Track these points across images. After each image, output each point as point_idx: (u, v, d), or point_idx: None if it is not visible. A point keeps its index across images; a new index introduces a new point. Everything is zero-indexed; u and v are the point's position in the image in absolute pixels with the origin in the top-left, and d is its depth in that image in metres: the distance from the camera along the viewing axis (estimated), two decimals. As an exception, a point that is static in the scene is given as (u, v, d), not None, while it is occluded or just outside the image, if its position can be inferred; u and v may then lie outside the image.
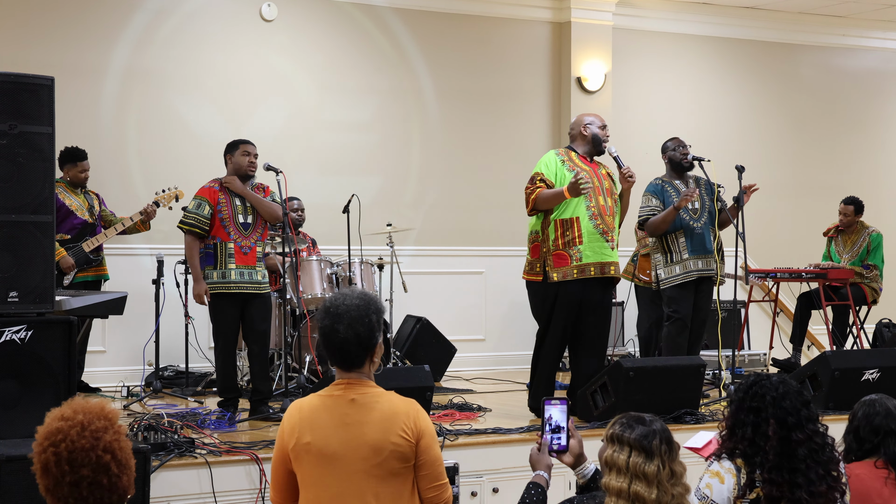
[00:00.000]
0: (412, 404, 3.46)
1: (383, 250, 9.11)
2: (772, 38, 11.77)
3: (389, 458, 3.35)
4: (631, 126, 10.90)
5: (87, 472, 2.59)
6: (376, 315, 3.43)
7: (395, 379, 6.06)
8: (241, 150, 6.91)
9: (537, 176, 6.63)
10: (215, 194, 6.83)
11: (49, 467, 2.60)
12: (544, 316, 6.71)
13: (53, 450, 2.59)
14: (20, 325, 5.04)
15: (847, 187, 11.04)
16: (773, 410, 3.38)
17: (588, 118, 6.90)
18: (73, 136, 8.15)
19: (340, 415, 3.38)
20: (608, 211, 6.67)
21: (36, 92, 5.22)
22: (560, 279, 6.58)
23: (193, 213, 6.81)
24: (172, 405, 7.40)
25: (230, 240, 6.79)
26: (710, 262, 7.61)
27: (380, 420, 3.37)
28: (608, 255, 6.66)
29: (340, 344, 3.39)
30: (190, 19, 9.34)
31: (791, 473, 3.31)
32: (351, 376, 3.44)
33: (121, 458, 2.64)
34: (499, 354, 10.13)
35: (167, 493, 5.12)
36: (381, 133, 10.08)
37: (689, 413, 6.54)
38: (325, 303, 3.47)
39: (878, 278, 9.47)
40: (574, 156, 6.77)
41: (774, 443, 3.35)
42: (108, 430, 2.64)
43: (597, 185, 6.64)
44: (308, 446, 3.36)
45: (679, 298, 7.59)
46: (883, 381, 7.01)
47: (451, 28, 10.34)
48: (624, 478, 3.15)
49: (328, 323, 3.41)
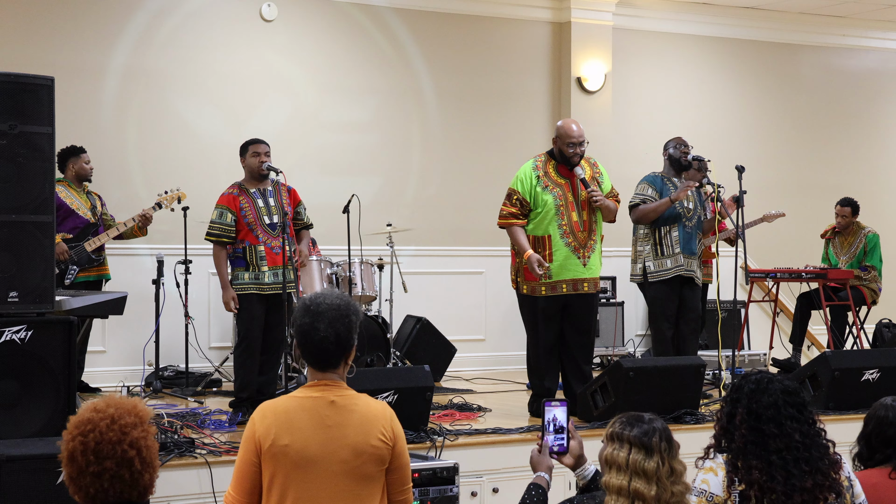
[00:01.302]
0: (387, 408, 3.47)
1: (383, 250, 9.11)
2: (772, 39, 11.77)
3: (367, 461, 3.34)
4: (631, 126, 10.91)
5: (110, 465, 2.64)
6: (355, 316, 3.41)
7: (394, 379, 6.05)
8: (250, 150, 6.91)
9: (514, 196, 6.74)
10: (235, 200, 6.82)
11: (75, 456, 2.65)
12: (525, 321, 6.87)
13: (82, 439, 2.65)
14: (20, 326, 5.05)
15: (847, 187, 11.04)
16: (747, 402, 3.42)
17: (564, 131, 6.71)
18: (74, 136, 8.15)
19: (320, 417, 3.34)
20: (581, 226, 6.70)
21: (36, 92, 5.22)
22: (529, 293, 6.72)
23: (218, 224, 6.81)
24: (172, 405, 7.40)
25: (259, 242, 6.79)
26: (692, 264, 7.68)
27: (360, 423, 3.36)
28: (581, 272, 6.71)
29: (319, 342, 3.35)
30: (190, 19, 9.34)
31: (767, 464, 3.33)
32: (327, 377, 3.41)
33: (145, 456, 2.69)
34: (499, 354, 10.13)
35: (167, 493, 5.12)
36: (381, 133, 10.08)
37: (689, 413, 6.54)
38: (304, 301, 3.43)
39: (876, 279, 9.47)
40: (552, 168, 6.76)
41: (743, 431, 3.38)
42: (138, 426, 2.70)
43: (571, 199, 6.69)
44: (286, 448, 3.29)
45: (664, 298, 7.63)
46: (883, 382, 7.01)
47: (451, 28, 10.34)
48: (624, 475, 3.15)
49: (308, 321, 3.37)
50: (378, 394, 5.57)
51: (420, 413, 5.96)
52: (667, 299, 7.61)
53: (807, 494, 3.33)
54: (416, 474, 3.58)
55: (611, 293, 10.29)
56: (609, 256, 10.48)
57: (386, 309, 8.94)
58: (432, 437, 5.84)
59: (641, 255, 7.72)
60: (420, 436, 5.82)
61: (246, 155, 6.91)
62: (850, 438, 4.20)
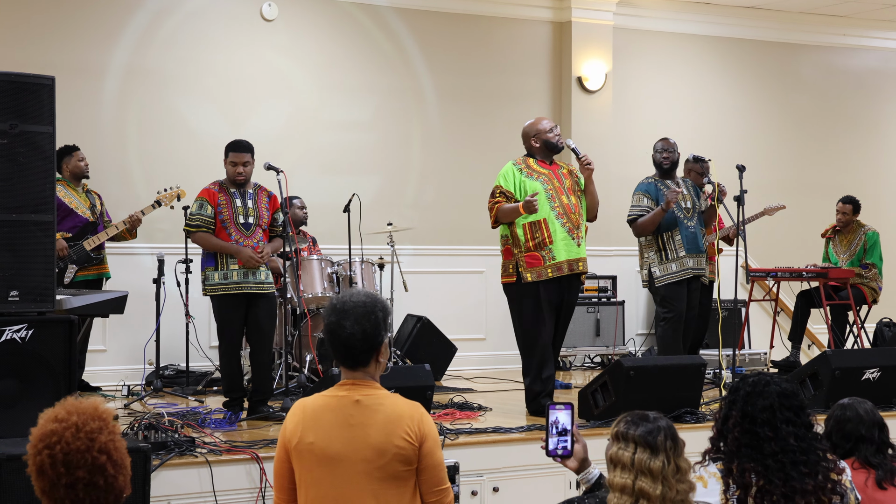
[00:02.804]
0: (417, 407, 3.45)
1: (384, 249, 9.11)
2: (772, 38, 11.77)
3: (392, 460, 3.33)
4: (631, 125, 10.91)
5: (82, 474, 2.56)
6: (382, 313, 3.42)
7: (395, 378, 6.05)
8: (230, 158, 6.85)
9: (497, 189, 6.80)
10: (215, 196, 6.82)
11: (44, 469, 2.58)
12: (525, 317, 6.76)
13: (48, 452, 2.57)
14: (21, 325, 5.04)
15: (847, 187, 11.03)
16: (742, 405, 3.42)
17: (534, 127, 6.90)
18: (74, 135, 8.15)
19: (345, 415, 3.36)
20: (573, 209, 6.78)
21: (36, 91, 5.22)
22: (535, 279, 6.67)
23: (198, 214, 6.81)
24: (173, 404, 7.40)
25: (231, 241, 6.78)
26: (701, 262, 7.78)
27: (384, 422, 3.35)
28: (576, 252, 6.78)
29: (346, 340, 3.36)
30: (190, 19, 9.34)
31: (763, 466, 3.33)
32: (356, 376, 3.43)
33: (116, 459, 2.62)
34: (499, 353, 10.12)
35: (167, 493, 5.12)
36: (381, 132, 10.09)
37: (689, 412, 6.54)
38: (332, 301, 3.46)
39: (877, 277, 9.47)
40: (532, 162, 6.86)
41: (735, 433, 3.39)
42: (103, 430, 2.62)
43: (557, 185, 6.77)
44: (311, 446, 3.34)
45: (674, 297, 7.69)
46: (883, 381, 7.01)
47: (451, 28, 10.34)
48: (629, 474, 3.14)
49: (334, 319, 3.39)
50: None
51: (420, 412, 5.95)
52: (675, 298, 7.66)
53: (809, 496, 3.32)
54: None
55: (611, 292, 10.29)
56: (609, 256, 10.52)
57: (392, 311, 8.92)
58: (433, 436, 5.84)
59: (647, 261, 7.82)
60: (420, 435, 5.81)
61: (225, 159, 6.90)
62: (850, 437, 4.26)
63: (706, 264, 7.86)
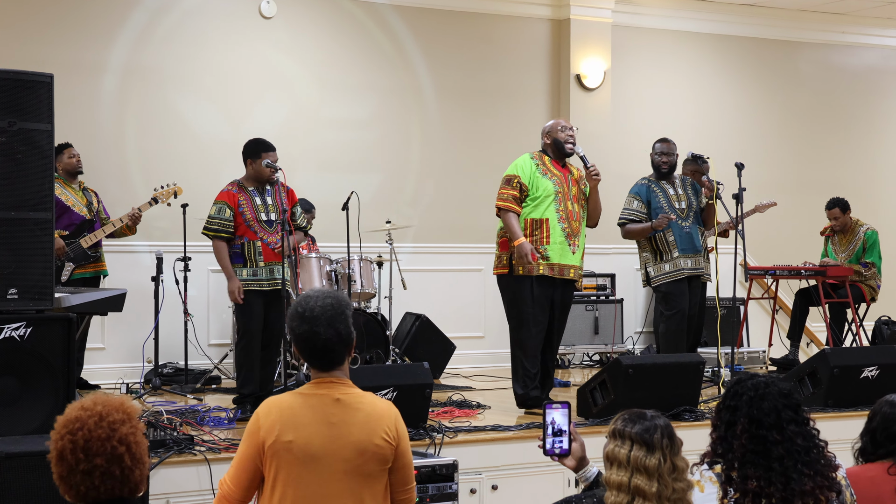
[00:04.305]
0: (392, 407, 3.48)
1: (382, 247, 9.11)
2: (771, 36, 11.77)
3: (370, 459, 3.34)
4: (630, 123, 10.91)
5: (100, 462, 2.63)
6: (349, 309, 3.43)
7: (394, 376, 6.05)
8: (264, 158, 6.83)
9: (514, 178, 6.85)
10: (234, 197, 6.83)
11: (64, 455, 2.64)
12: (517, 308, 6.82)
13: (70, 437, 2.64)
14: (19, 323, 5.04)
15: (845, 184, 11.05)
16: (748, 409, 3.36)
17: (551, 124, 7.05)
18: (72, 132, 8.15)
19: (325, 414, 3.34)
20: (575, 216, 6.85)
21: (35, 89, 5.22)
22: (526, 273, 6.74)
23: (217, 218, 6.81)
24: (171, 402, 7.39)
25: (257, 238, 6.80)
26: (699, 262, 7.81)
27: (364, 421, 3.36)
28: (569, 259, 6.83)
29: (324, 345, 3.36)
30: (189, 16, 9.33)
31: (767, 471, 3.30)
32: (333, 374, 3.42)
33: (135, 452, 2.68)
34: (498, 351, 10.09)
35: (166, 490, 5.12)
36: (380, 130, 10.08)
37: (688, 410, 6.54)
38: (296, 308, 3.40)
39: (876, 276, 9.47)
40: (547, 160, 6.94)
41: (743, 441, 3.34)
42: (126, 423, 2.69)
43: (566, 190, 6.84)
44: (289, 445, 3.30)
45: (675, 294, 7.73)
46: (882, 379, 7.01)
47: (450, 25, 10.33)
48: (625, 471, 3.14)
49: (306, 328, 3.36)
50: (377, 391, 5.56)
51: (419, 410, 5.96)
52: (677, 295, 7.69)
53: (807, 497, 3.31)
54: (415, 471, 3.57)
55: (609, 290, 10.29)
56: (609, 255, 10.52)
57: (385, 306, 8.93)
58: (431, 434, 5.84)
59: (643, 260, 7.91)
60: (419, 433, 5.81)
61: (257, 160, 6.87)
62: (850, 435, 4.20)
63: (705, 263, 7.86)
